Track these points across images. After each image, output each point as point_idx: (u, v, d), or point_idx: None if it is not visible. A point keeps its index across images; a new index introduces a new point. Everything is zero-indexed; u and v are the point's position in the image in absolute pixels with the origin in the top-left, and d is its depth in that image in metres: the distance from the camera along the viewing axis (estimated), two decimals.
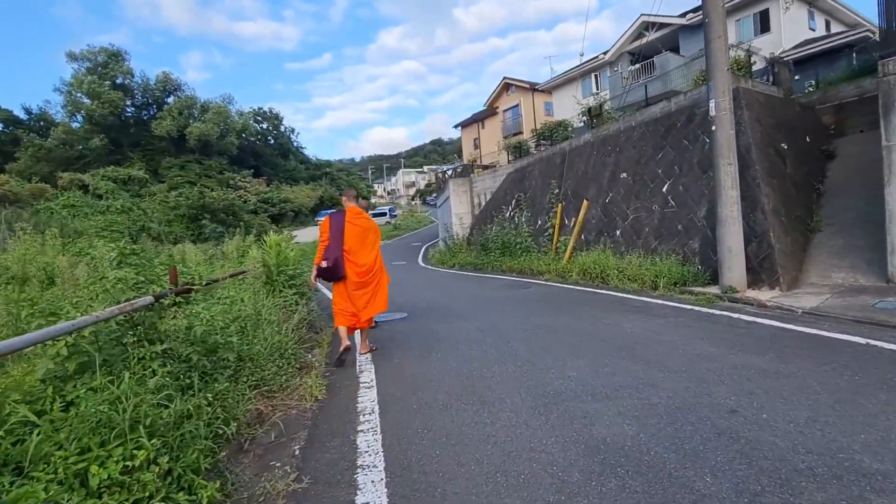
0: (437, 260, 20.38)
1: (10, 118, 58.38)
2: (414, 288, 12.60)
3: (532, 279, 12.20)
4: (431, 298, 10.26)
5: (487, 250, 16.35)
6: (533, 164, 17.19)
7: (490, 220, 18.56)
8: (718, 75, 7.41)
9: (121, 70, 55.41)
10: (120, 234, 12.13)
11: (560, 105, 25.49)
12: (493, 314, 7.69)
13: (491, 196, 19.81)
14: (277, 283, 6.97)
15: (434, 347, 5.89)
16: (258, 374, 4.34)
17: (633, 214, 11.37)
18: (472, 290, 11.25)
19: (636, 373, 4.32)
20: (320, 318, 8.09)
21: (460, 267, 17.63)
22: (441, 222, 26.63)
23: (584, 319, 6.79)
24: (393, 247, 32.98)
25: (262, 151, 64.92)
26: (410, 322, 7.67)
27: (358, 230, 5.50)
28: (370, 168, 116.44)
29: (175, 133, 53.64)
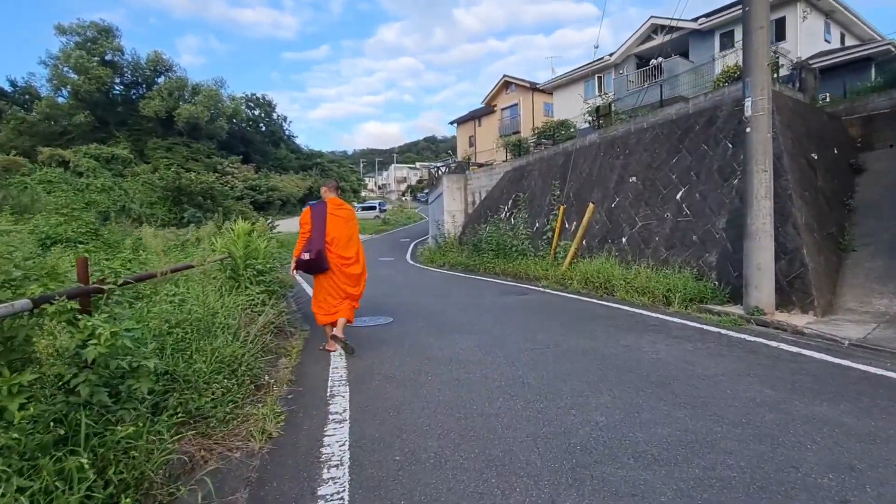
0: (427, 258, 19.34)
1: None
2: (401, 288, 11.57)
3: (528, 285, 11.23)
4: (420, 302, 9.24)
5: (480, 251, 15.36)
6: (533, 164, 16.23)
7: (484, 220, 17.57)
8: (758, 71, 6.48)
9: (110, 46, 53.39)
10: (80, 212, 10.93)
11: (561, 106, 24.58)
12: (491, 326, 6.69)
13: (486, 195, 18.83)
14: (243, 279, 5.90)
15: (423, 368, 4.86)
16: (193, 403, 3.29)
17: (642, 222, 10.45)
18: (466, 293, 10.25)
19: (683, 422, 3.34)
20: (294, 320, 7.04)
21: (450, 267, 16.63)
22: (432, 219, 25.58)
23: (598, 338, 5.83)
24: (381, 241, 31.86)
25: (252, 138, 63.26)
26: (396, 329, 6.63)
27: (340, 221, 5.35)
28: (362, 161, 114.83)
29: (163, 114, 51.84)
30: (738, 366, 4.62)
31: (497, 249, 14.47)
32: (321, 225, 5.20)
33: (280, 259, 12.60)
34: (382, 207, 52.41)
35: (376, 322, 7.17)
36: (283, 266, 11.66)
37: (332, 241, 5.22)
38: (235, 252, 5.98)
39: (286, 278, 9.82)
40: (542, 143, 16.63)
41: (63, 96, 52.98)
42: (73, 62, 49.65)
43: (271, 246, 7.39)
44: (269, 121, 68.34)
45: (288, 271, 6.19)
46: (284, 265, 10.96)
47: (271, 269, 6.20)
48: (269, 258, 6.64)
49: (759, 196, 6.55)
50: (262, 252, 6.40)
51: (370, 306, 8.60)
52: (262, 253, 6.41)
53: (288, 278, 9.70)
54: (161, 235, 12.98)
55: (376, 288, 11.68)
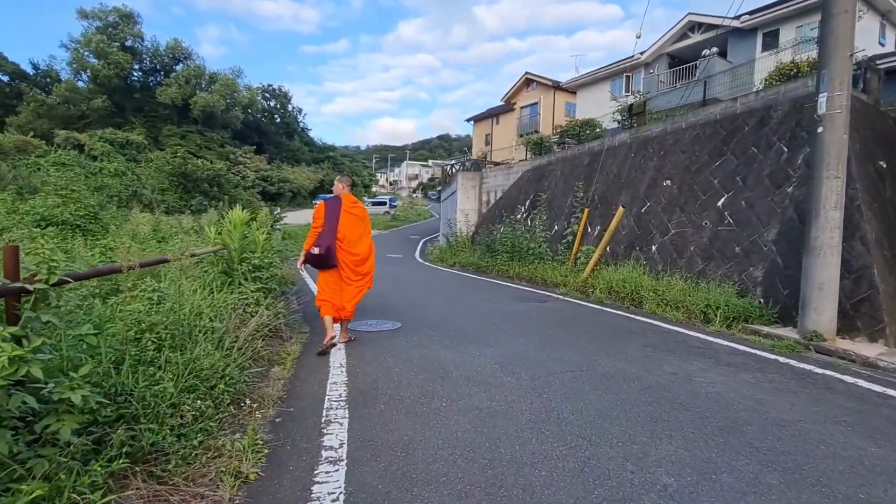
0: (437, 257, 18.60)
1: (17, 71, 56.35)
2: (410, 288, 10.83)
3: (546, 291, 10.45)
4: (431, 305, 8.49)
5: (494, 252, 14.58)
6: (555, 164, 15.41)
7: (499, 220, 16.79)
8: (837, 62, 5.65)
9: (131, 32, 53.29)
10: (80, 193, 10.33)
11: (585, 105, 23.66)
12: (512, 338, 5.93)
13: (502, 194, 18.04)
14: (237, 274, 5.20)
15: (436, 389, 4.12)
16: (149, 437, 2.57)
17: (676, 229, 9.62)
18: (480, 297, 9.48)
19: (781, 494, 2.55)
20: (293, 321, 6.33)
21: (461, 267, 15.87)
22: (444, 217, 24.84)
23: (635, 361, 5.04)
24: (390, 237, 31.19)
25: (266, 129, 63.01)
26: (405, 339, 5.89)
27: (354, 219, 5.31)
28: (374, 157, 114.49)
29: (180, 101, 51.63)
30: (819, 408, 3.81)
31: (512, 251, 13.69)
32: (334, 222, 5.17)
33: (286, 252, 11.97)
34: (393, 203, 51.80)
35: (382, 327, 6.44)
36: (287, 261, 11.06)
37: (344, 239, 5.19)
38: (230, 244, 5.29)
39: (288, 274, 9.15)
40: (565, 142, 15.80)
41: (83, 80, 53.05)
42: (94, 46, 49.59)
43: (273, 239, 6.66)
44: (283, 112, 68.05)
45: (293, 265, 6.12)
46: (291, 259, 10.31)
47: (270, 264, 5.48)
48: (268, 252, 5.92)
49: (828, 206, 5.71)
50: (261, 245, 5.68)
51: (375, 307, 7.89)
52: (261, 246, 5.69)
53: (289, 274, 9.03)
54: (164, 222, 12.36)
55: (383, 286, 10.96)
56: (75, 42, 50.97)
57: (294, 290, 9.25)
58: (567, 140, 16.24)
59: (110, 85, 51.14)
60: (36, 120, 48.16)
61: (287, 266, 10.02)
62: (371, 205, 51.19)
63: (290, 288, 7.33)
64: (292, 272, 9.87)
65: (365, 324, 6.56)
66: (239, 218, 5.42)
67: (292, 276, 9.78)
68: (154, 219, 11.99)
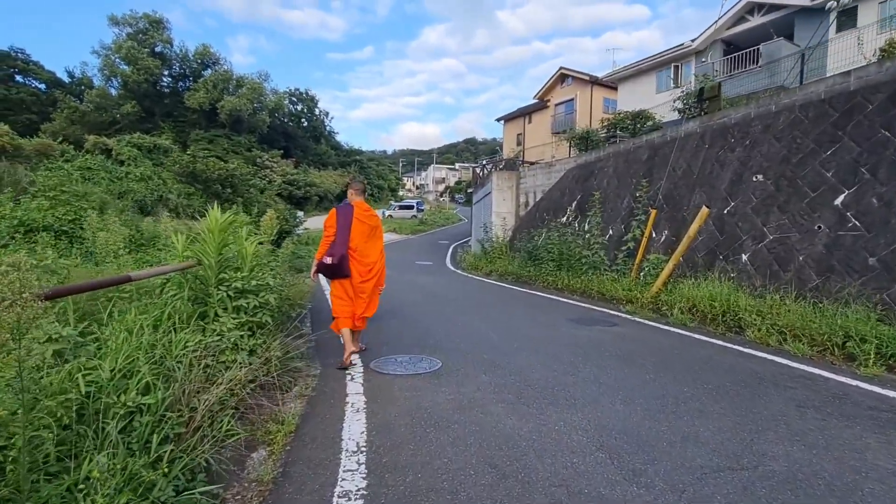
0: (470, 264, 16.91)
1: (53, 79, 57.27)
2: (445, 303, 9.16)
3: (607, 308, 8.66)
4: (474, 329, 6.79)
5: (537, 260, 12.81)
6: (605, 160, 13.55)
7: (541, 224, 15.00)
8: None
9: (160, 38, 53.41)
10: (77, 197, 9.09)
11: (627, 100, 21.61)
12: (600, 391, 4.15)
13: (543, 195, 16.23)
14: (213, 304, 3.59)
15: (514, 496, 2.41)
16: None
17: (775, 234, 7.70)
18: (531, 318, 7.74)
19: None
20: (302, 355, 4.73)
21: (499, 276, 14.13)
22: (476, 221, 23.12)
23: (815, 444, 3.22)
24: (418, 243, 29.65)
25: (293, 133, 62.52)
26: (449, 389, 4.19)
27: (366, 228, 5.02)
28: (401, 161, 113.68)
29: (207, 106, 51.39)
30: None
31: (560, 260, 11.90)
32: (346, 230, 4.87)
33: (305, 261, 10.45)
34: (420, 207, 50.33)
35: (417, 367, 4.77)
36: (302, 273, 9.55)
37: (356, 248, 4.90)
38: (207, 259, 3.71)
39: (300, 291, 7.61)
40: (616, 135, 13.93)
41: (114, 87, 53.36)
42: (124, 53, 49.76)
43: (279, 248, 5.09)
44: (311, 116, 67.52)
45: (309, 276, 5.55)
46: (304, 273, 8.77)
47: (261, 288, 3.86)
48: (260, 270, 4.29)
49: None
50: (249, 260, 4.04)
51: (407, 331, 6.30)
52: (249, 261, 4.05)
53: (301, 292, 7.51)
54: (168, 226, 11.00)
55: (414, 301, 9.33)
56: (106, 48, 51.28)
57: (309, 309, 7.70)
58: (618, 133, 14.34)
59: (140, 90, 51.27)
60: (70, 126, 48.51)
61: (302, 281, 8.51)
62: (398, 208, 49.97)
63: (300, 311, 5.75)
64: (306, 287, 8.34)
65: (395, 361, 4.93)
66: (216, 221, 3.81)
67: (306, 292, 8.24)
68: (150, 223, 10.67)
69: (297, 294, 7.40)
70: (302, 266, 10.46)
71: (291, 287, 7.85)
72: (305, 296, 8.83)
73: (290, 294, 6.99)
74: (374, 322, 7.04)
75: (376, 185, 66.67)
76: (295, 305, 6.82)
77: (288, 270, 7.75)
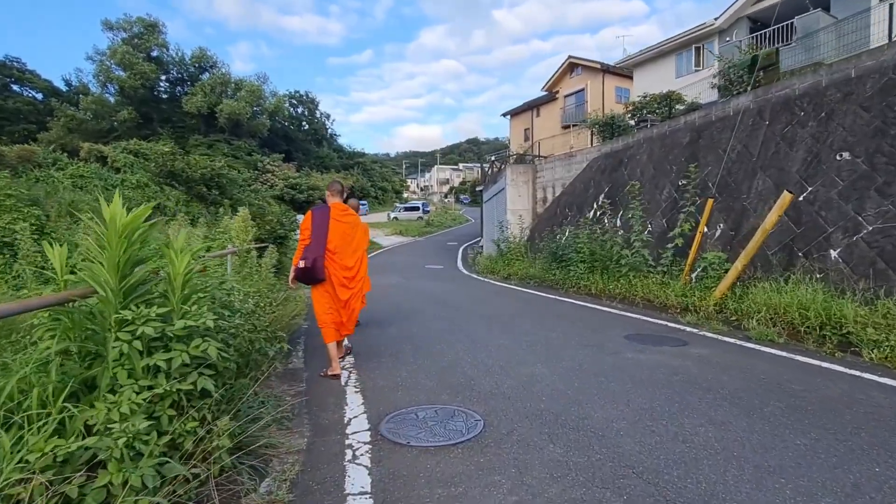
0: (486, 267, 15.41)
1: (49, 88, 56.11)
2: (468, 318, 7.67)
3: (661, 318, 7.18)
4: (514, 358, 5.28)
5: (564, 262, 11.31)
6: (636, 147, 12.02)
7: (564, 221, 13.51)
8: None
9: (156, 42, 52.19)
10: (20, 201, 7.73)
11: (644, 87, 19.93)
12: (755, 475, 2.65)
13: (563, 189, 14.72)
14: (108, 363, 2.07)
15: None
16: None
17: (876, 223, 6.18)
18: (577, 336, 6.23)
19: None
20: (276, 425, 3.25)
21: (520, 280, 12.63)
22: (488, 220, 21.63)
23: None
24: (426, 245, 28.20)
25: (294, 136, 61.25)
26: (504, 473, 2.67)
27: (344, 228, 4.69)
28: (404, 163, 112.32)
29: (206, 110, 50.15)
30: None
31: (592, 261, 10.39)
32: (322, 232, 4.55)
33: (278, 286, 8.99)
34: (426, 209, 48.91)
35: (449, 432, 3.24)
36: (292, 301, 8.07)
37: (335, 250, 4.59)
38: (103, 286, 2.22)
39: (291, 310, 6.15)
40: (646, 119, 12.42)
41: (110, 93, 52.16)
42: (119, 57, 48.53)
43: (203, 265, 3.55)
44: (311, 119, 66.23)
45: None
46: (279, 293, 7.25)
47: (197, 330, 2.35)
48: (201, 299, 2.72)
49: None
50: (181, 287, 2.47)
51: (426, 363, 4.84)
52: (181, 289, 2.48)
53: (292, 311, 6.08)
54: None
55: (429, 315, 7.85)
56: (101, 54, 50.11)
57: (305, 330, 6.25)
58: (649, 117, 12.81)
59: (137, 96, 50.05)
60: (67, 135, 47.30)
61: (295, 302, 7.06)
62: (403, 210, 48.56)
63: (279, 347, 4.28)
64: (302, 302, 6.88)
65: (415, 418, 3.45)
66: (119, 218, 2.28)
67: (302, 309, 6.79)
68: None
69: (288, 313, 5.97)
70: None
71: (284, 305, 6.43)
72: (301, 311, 7.40)
73: (282, 314, 5.53)
74: (384, 349, 5.60)
75: (380, 187, 65.31)
76: (285, 328, 5.37)
77: (275, 286, 6.30)
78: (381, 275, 14.71)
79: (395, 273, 15.15)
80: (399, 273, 15.14)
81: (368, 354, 5.43)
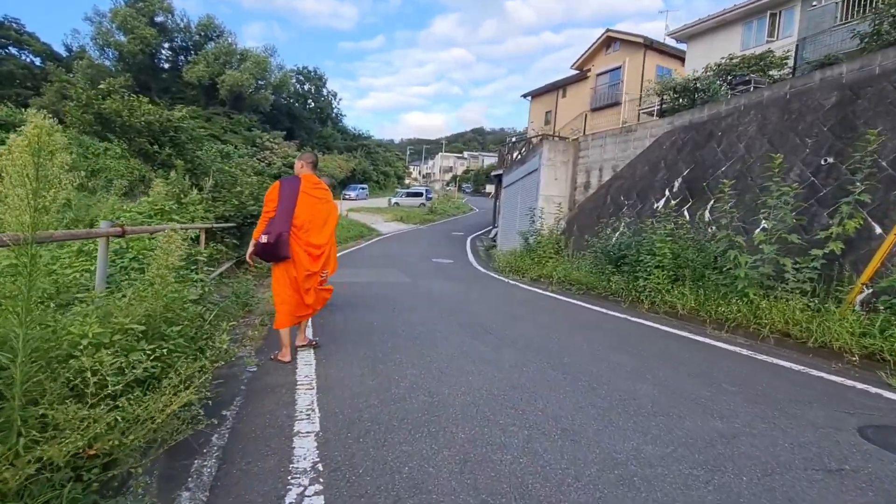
0: (507, 264, 12.17)
1: (48, 52, 52.36)
2: (521, 363, 4.43)
3: (825, 368, 4.03)
4: (650, 472, 2.09)
5: (626, 266, 8.14)
6: (734, 115, 8.71)
7: (617, 212, 10.28)
8: None
9: (160, 6, 48.42)
10: None
11: (699, 62, 16.46)
12: None
13: (616, 173, 11.46)
14: None
15: None
16: None
17: None
18: (764, 438, 3.04)
19: None
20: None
21: (559, 286, 9.41)
22: (510, 208, 18.33)
23: None
24: (430, 234, 24.93)
25: (298, 113, 57.66)
26: None
27: (314, 202, 4.06)
28: (409, 149, 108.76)
29: (207, 80, 46.55)
30: None
31: (675, 267, 7.19)
32: (290, 204, 3.94)
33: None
34: (429, 195, 45.56)
35: None
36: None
37: (302, 226, 3.97)
38: None
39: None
40: (748, 79, 9.10)
41: (109, 59, 48.53)
42: (120, 20, 44.91)
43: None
44: (318, 96, 62.55)
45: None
46: None
47: None
48: None
49: None
50: None
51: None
52: None
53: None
54: None
55: (455, 348, 4.50)
56: (100, 15, 46.43)
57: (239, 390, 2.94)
58: (753, 77, 9.46)
59: (135, 63, 46.50)
60: (60, 101, 43.80)
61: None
62: (405, 195, 45.20)
63: None
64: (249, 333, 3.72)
65: None
66: None
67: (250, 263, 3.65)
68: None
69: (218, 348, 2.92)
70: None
71: (213, 329, 3.37)
72: (253, 338, 4.36)
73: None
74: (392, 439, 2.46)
75: (383, 171, 61.90)
76: (203, 386, 2.20)
77: (180, 301, 3.25)
78: (380, 269, 11.49)
79: (396, 268, 11.93)
80: (402, 268, 11.92)
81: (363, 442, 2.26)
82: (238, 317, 5.54)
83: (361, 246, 18.26)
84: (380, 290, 8.44)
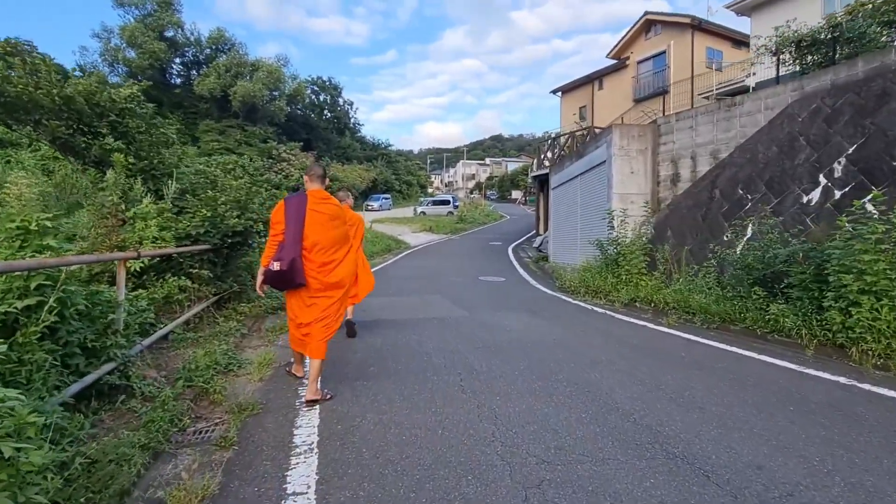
0: (580, 282, 9.57)
1: (61, 72, 51.87)
2: None
3: None
4: None
5: (802, 291, 5.53)
6: None
7: (737, 211, 7.64)
8: None
9: (170, 20, 47.26)
10: None
11: (766, 33, 13.37)
12: None
13: (720, 161, 8.81)
14: None
15: None
16: None
17: None
18: None
19: None
20: None
21: (676, 315, 6.80)
22: (558, 215, 15.71)
23: None
24: (464, 245, 22.42)
25: (315, 124, 55.99)
26: None
27: (323, 219, 3.60)
28: (429, 158, 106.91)
29: (219, 93, 45.02)
30: None
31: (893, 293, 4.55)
32: (297, 226, 3.50)
33: None
34: (455, 203, 43.15)
35: None
36: None
37: (312, 248, 3.53)
38: None
39: None
40: None
41: (118, 75, 47.54)
42: (128, 35, 43.83)
43: None
44: (334, 106, 60.89)
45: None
46: None
47: None
48: None
49: None
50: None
51: None
52: None
53: None
54: None
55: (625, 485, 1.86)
56: (108, 31, 45.43)
57: None
58: None
59: (146, 78, 45.29)
60: None
61: None
62: (432, 204, 42.88)
63: None
64: None
65: None
66: None
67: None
68: None
69: None
70: None
71: None
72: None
73: None
74: None
75: (405, 181, 59.83)
76: None
77: None
78: (420, 297, 8.91)
79: (439, 292, 9.42)
80: (446, 292, 9.41)
81: None
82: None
83: (389, 262, 15.63)
84: (427, 332, 5.96)
